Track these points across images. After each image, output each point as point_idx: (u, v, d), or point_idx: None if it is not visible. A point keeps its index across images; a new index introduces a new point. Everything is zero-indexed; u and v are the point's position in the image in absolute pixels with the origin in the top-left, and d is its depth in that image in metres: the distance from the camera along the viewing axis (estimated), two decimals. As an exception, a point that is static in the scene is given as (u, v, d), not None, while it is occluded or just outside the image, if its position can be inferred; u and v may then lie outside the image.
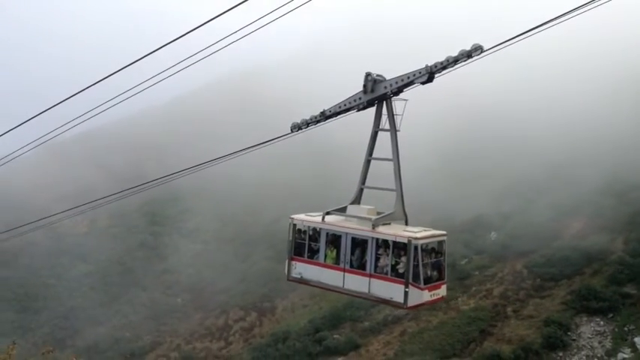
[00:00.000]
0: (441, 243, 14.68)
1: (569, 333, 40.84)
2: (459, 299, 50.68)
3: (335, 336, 52.03)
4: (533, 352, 39.90)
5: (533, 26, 11.82)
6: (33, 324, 73.29)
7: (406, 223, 14.74)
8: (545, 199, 60.24)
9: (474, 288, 51.69)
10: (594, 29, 65.97)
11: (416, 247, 13.22)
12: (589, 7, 11.33)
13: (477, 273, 53.99)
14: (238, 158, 16.63)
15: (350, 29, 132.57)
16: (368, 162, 15.05)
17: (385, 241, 13.85)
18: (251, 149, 16.03)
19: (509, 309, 46.69)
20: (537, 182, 64.57)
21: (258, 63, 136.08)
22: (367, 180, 15.35)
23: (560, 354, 39.82)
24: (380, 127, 14.57)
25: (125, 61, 14.12)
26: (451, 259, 57.10)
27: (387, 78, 13.76)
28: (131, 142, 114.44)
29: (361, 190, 15.29)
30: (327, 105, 14.49)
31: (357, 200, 15.23)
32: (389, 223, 14.37)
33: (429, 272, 13.93)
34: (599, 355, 39.25)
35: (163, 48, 13.53)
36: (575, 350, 39.94)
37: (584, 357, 39.30)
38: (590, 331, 41.08)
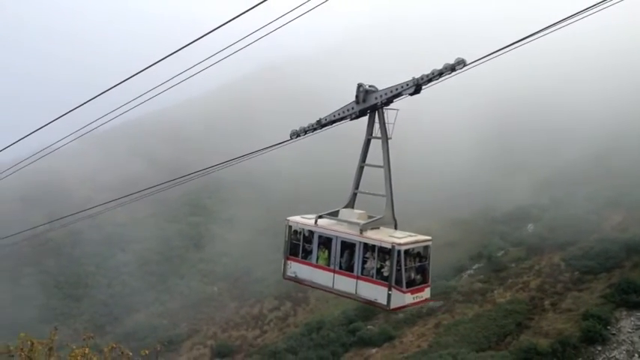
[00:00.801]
0: (426, 248, 15.04)
1: (608, 327, 39.80)
2: (495, 292, 50.11)
3: (369, 327, 52.09)
4: (571, 346, 39.08)
5: (571, 14, 11.62)
6: (74, 311, 75.61)
7: (395, 228, 15.25)
8: (584, 191, 58.99)
9: (510, 280, 51.01)
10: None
11: (399, 252, 13.74)
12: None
13: (513, 265, 53.28)
14: (276, 150, 16.75)
15: (383, 24, 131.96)
16: (361, 168, 15.69)
17: (372, 246, 14.40)
18: (282, 144, 16.48)
19: (546, 302, 45.90)
20: (577, 173, 63.28)
21: (292, 55, 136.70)
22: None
23: (599, 348, 38.90)
24: (372, 134, 15.13)
25: (165, 52, 14.33)
26: (487, 250, 56.75)
27: (379, 88, 14.26)
28: (172, 133, 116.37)
29: (354, 195, 15.94)
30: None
31: (350, 204, 15.89)
32: (378, 228, 15.06)
33: (412, 276, 14.41)
34: (640, 350, 38.34)
35: (199, 40, 13.69)
36: (614, 345, 38.97)
37: (624, 352, 38.33)
38: (630, 326, 40.01)
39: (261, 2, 11.74)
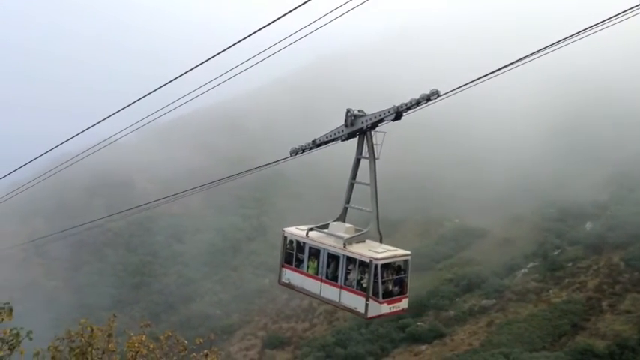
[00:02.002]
0: (405, 262, 15.91)
1: (670, 330, 38.28)
2: (551, 291, 48.80)
3: (419, 323, 51.69)
4: (629, 348, 37.72)
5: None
6: (131, 299, 78.21)
7: (380, 241, 16.10)
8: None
9: (566, 280, 49.54)
10: None
11: (376, 266, 14.69)
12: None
13: (569, 264, 51.67)
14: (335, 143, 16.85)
15: (438, 15, 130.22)
16: (351, 185, 16.63)
17: (353, 258, 15.40)
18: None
19: (604, 303, 44.39)
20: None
21: (349, 46, 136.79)
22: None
23: (660, 352, 37.45)
24: (362, 155, 16.11)
25: (222, 45, 14.59)
26: (543, 249, 55.24)
27: (367, 113, 15.30)
28: (231, 124, 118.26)
29: (345, 210, 16.86)
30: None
31: (341, 218, 16.81)
32: (364, 241, 15.94)
33: (390, 287, 15.31)
34: None
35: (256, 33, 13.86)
36: (676, 349, 37.42)
37: (686, 357, 36.75)
38: (693, 329, 38.34)
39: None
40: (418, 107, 14.05)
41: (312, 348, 54.63)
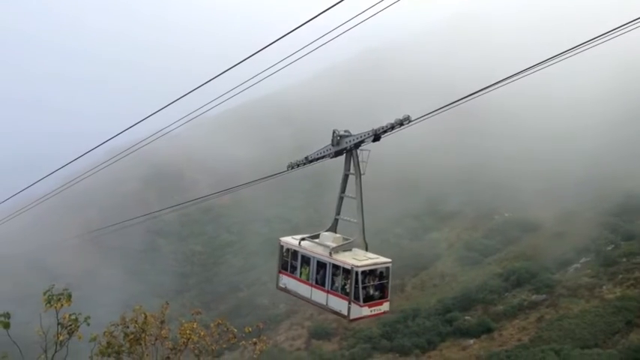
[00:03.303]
0: (387, 269, 17.15)
1: None
2: (604, 287, 47.24)
3: (466, 317, 51.06)
4: (688, 349, 36.30)
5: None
6: (182, 287, 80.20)
7: (366, 250, 17.52)
8: None
9: (620, 276, 47.84)
10: None
11: (357, 273, 16.05)
12: None
13: (624, 260, 49.81)
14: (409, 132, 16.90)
15: (490, 3, 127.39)
16: (341, 198, 18.27)
17: (338, 266, 16.82)
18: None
19: (660, 301, 42.74)
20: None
21: (398, 36, 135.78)
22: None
23: None
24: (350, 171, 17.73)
25: (269, 38, 14.76)
26: (596, 244, 53.52)
27: (353, 133, 16.75)
28: (280, 116, 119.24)
29: (336, 221, 18.54)
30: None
31: (332, 228, 18.45)
32: (351, 250, 17.37)
33: (371, 292, 16.57)
34: None
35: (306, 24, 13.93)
36: None
37: None
38: None
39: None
40: (393, 130, 15.45)
41: (358, 340, 54.71)
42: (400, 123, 15.09)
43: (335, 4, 13.09)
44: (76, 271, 76.48)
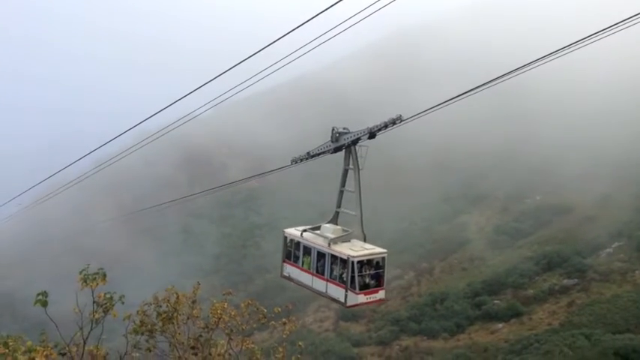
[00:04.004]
0: (382, 259, 17.85)
1: None
2: (636, 272, 46.33)
3: (495, 301, 50.72)
4: None
5: None
6: (212, 268, 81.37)
7: (364, 241, 18.31)
8: None
9: (654, 261, 46.92)
10: None
11: (352, 263, 16.90)
12: None
13: (658, 245, 48.79)
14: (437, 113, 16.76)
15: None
16: (341, 192, 19.22)
17: (336, 256, 17.66)
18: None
19: (695, 286, 41.77)
20: None
21: (432, 14, 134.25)
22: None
23: None
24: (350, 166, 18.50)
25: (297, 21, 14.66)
26: (628, 228, 52.37)
27: (351, 129, 17.63)
28: (312, 98, 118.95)
29: (337, 213, 19.41)
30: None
31: (333, 220, 19.32)
32: (349, 241, 18.19)
33: (366, 281, 17.36)
34: None
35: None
36: None
37: None
38: None
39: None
40: (387, 129, 16.35)
41: (385, 322, 54.92)
42: (393, 122, 16.02)
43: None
44: (110, 252, 78.03)
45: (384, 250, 18.03)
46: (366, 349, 52.32)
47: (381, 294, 17.92)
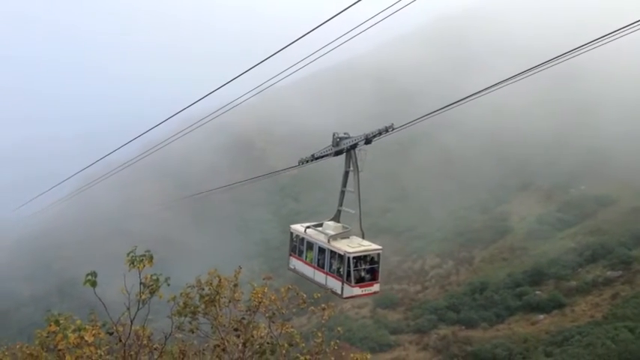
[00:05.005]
0: (378, 255, 19.27)
1: None
2: (686, 264, 44.93)
3: (537, 292, 49.94)
4: None
5: None
6: (252, 253, 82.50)
7: (363, 238, 19.60)
8: None
9: None
10: None
11: (348, 258, 18.36)
12: None
13: None
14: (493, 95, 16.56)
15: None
16: (342, 192, 20.49)
17: (334, 252, 19.14)
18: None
19: None
20: None
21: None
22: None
23: None
24: (350, 168, 19.88)
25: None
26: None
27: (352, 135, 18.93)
28: (360, 82, 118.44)
29: (339, 211, 20.88)
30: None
31: (335, 218, 20.89)
32: (348, 237, 19.58)
33: (362, 274, 18.75)
34: None
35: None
36: None
37: None
38: None
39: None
40: (381, 136, 17.88)
41: (423, 310, 54.78)
42: (386, 130, 17.59)
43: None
44: (156, 235, 79.95)
45: (379, 247, 19.36)
46: (404, 336, 52.35)
47: (375, 287, 19.34)
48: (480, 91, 15.73)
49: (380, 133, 17.79)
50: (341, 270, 18.80)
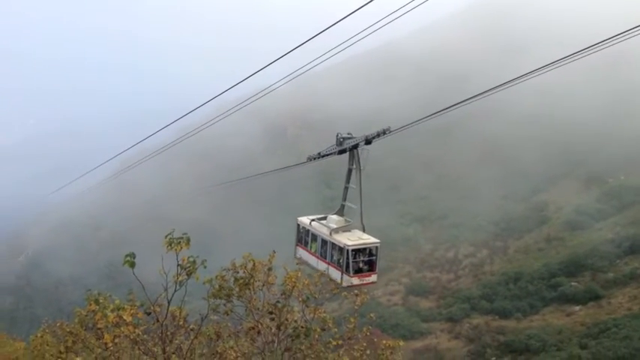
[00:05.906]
0: (376, 248, 20.51)
1: None
2: None
3: (573, 283, 49.09)
4: None
5: None
6: (285, 238, 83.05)
7: (364, 231, 20.82)
8: None
9: None
10: None
11: (347, 250, 19.56)
12: None
13: None
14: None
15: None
16: (346, 188, 21.50)
17: (335, 244, 20.39)
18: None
19: None
20: None
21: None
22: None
23: None
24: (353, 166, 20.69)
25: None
26: None
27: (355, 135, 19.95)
28: (393, 67, 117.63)
29: (342, 206, 21.76)
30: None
31: (339, 212, 21.85)
32: (350, 231, 20.73)
33: (360, 266, 20.01)
34: None
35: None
36: None
37: None
38: None
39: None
40: (379, 137, 18.98)
41: (456, 299, 54.51)
42: (384, 132, 18.72)
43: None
44: (187, 219, 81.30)
45: (377, 240, 20.55)
46: (435, 324, 52.23)
47: (373, 277, 20.52)
48: (522, 75, 15.29)
49: (378, 135, 18.94)
50: (341, 261, 20.04)
